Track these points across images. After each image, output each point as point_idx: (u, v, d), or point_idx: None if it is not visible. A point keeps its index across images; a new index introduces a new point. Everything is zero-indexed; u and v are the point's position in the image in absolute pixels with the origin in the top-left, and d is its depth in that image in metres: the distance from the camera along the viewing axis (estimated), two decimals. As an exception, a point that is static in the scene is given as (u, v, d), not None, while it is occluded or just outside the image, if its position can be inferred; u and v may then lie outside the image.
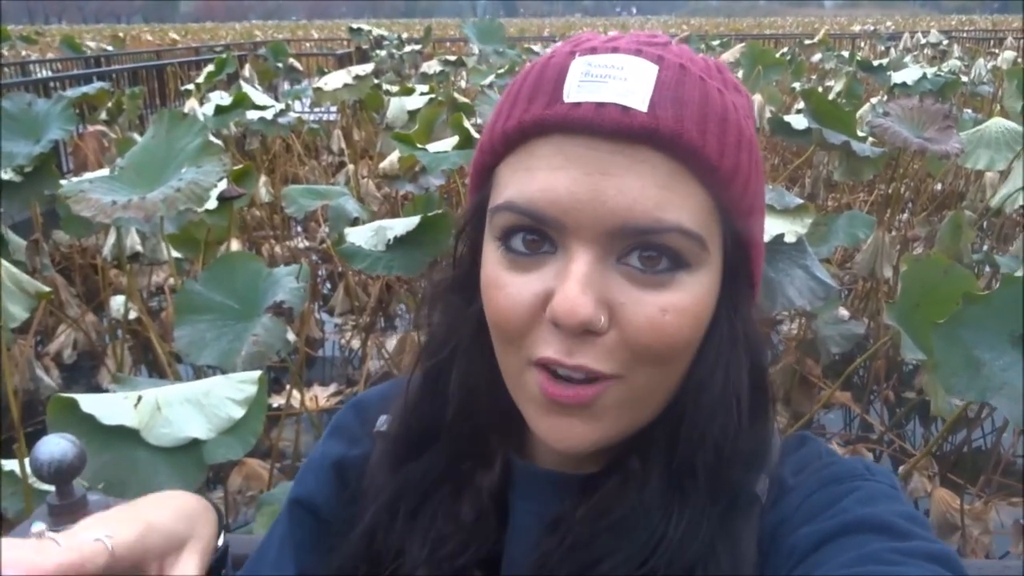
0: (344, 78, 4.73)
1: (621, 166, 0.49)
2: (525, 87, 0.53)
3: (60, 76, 7.83)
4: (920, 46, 11.30)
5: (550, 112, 0.50)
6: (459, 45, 13.61)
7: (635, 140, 0.49)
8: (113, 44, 14.55)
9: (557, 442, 0.53)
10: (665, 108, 0.49)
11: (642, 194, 0.49)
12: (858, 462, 0.58)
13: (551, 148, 0.50)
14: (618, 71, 0.50)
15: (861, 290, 4.26)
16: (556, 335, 0.50)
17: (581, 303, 0.48)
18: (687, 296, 0.51)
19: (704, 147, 0.50)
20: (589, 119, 0.49)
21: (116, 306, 3.55)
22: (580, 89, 0.50)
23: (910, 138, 3.00)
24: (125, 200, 2.05)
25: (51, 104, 3.45)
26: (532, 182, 0.51)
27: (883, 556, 0.48)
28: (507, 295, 0.52)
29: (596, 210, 0.49)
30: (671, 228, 0.49)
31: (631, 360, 0.51)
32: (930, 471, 2.78)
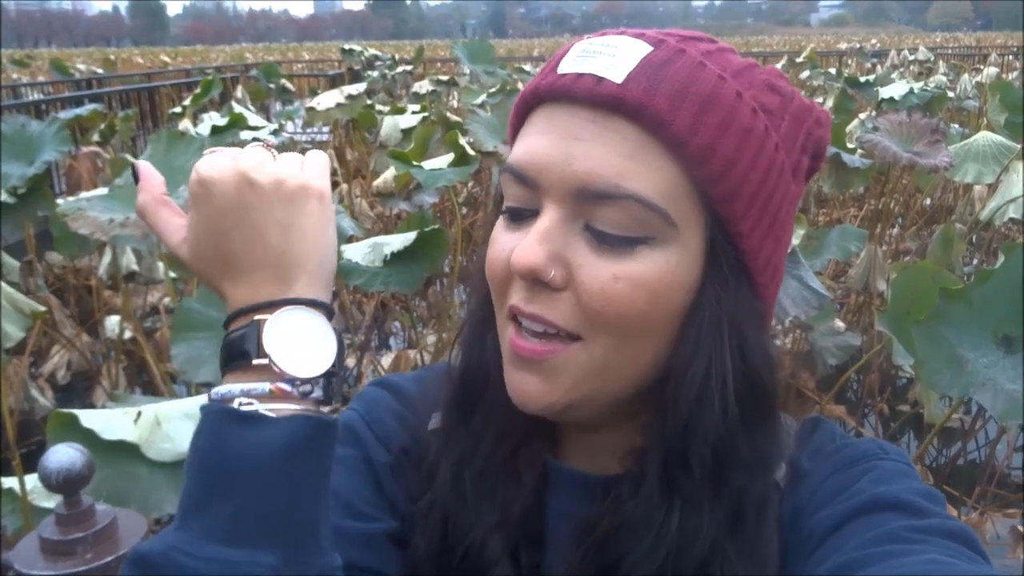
0: (337, 98, 4.76)
1: (592, 132, 0.52)
2: (551, 62, 0.57)
3: (52, 99, 7.85)
4: (907, 63, 11.43)
5: (543, 82, 0.55)
6: (450, 65, 13.70)
7: (606, 109, 0.52)
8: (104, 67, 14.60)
9: (516, 396, 0.55)
10: (639, 81, 0.51)
11: (606, 160, 0.51)
12: (871, 443, 0.59)
13: (542, 115, 0.55)
14: (609, 48, 0.54)
15: (854, 304, 4.28)
16: (520, 285, 0.54)
17: (533, 252, 0.51)
18: (645, 268, 0.51)
19: (673, 121, 0.51)
20: (567, 87, 0.53)
21: (110, 326, 3.54)
22: (571, 62, 0.54)
23: (900, 153, 3.03)
24: (122, 218, 2.06)
25: (45, 126, 3.46)
26: (522, 145, 0.55)
27: (901, 534, 0.49)
28: (496, 250, 0.56)
29: (563, 171, 0.52)
30: (628, 195, 0.51)
31: (587, 324, 0.52)
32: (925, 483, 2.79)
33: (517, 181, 0.55)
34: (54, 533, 0.78)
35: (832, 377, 3.44)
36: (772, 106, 0.55)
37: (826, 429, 0.62)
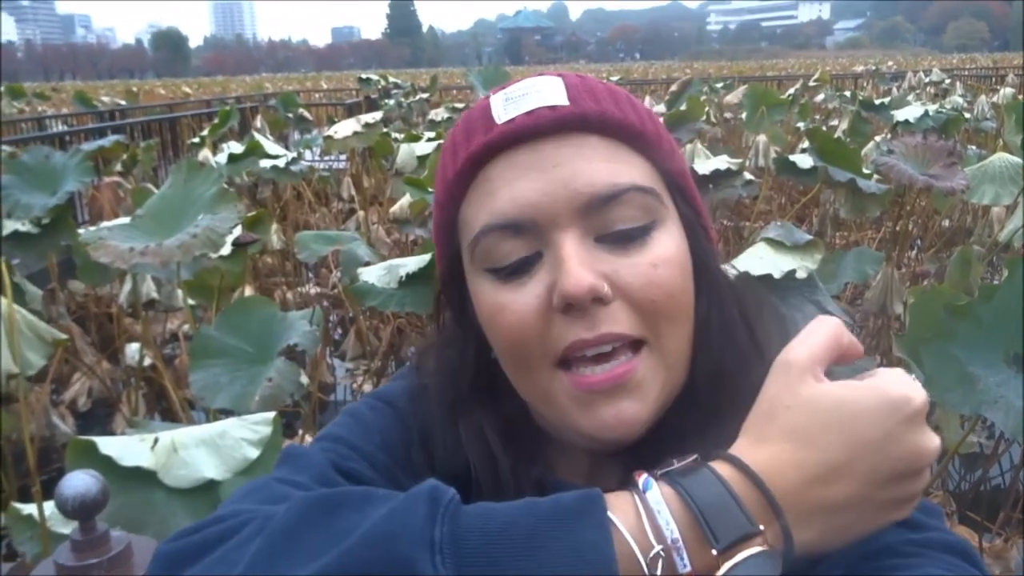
0: (354, 126, 4.81)
1: (566, 155, 0.55)
2: (459, 135, 0.60)
3: (75, 130, 7.98)
4: (923, 84, 11.41)
5: (491, 136, 0.57)
6: (465, 92, 13.82)
7: (569, 129, 0.56)
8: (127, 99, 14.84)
9: (609, 431, 0.55)
10: (583, 98, 0.57)
11: (593, 169, 0.55)
12: None
13: (502, 166, 0.57)
14: (532, 87, 0.58)
15: (872, 328, 4.25)
16: (570, 320, 0.54)
17: (584, 273, 0.53)
18: (666, 248, 0.56)
19: (626, 119, 0.58)
20: (525, 126, 0.56)
21: (131, 353, 3.58)
22: (507, 110, 0.57)
23: (915, 175, 3.02)
24: (143, 246, 2.09)
25: (68, 157, 3.52)
26: (497, 200, 0.56)
27: (900, 548, 0.49)
28: (513, 311, 0.56)
29: (562, 196, 0.55)
30: (629, 187, 0.56)
31: (645, 320, 0.55)
32: (948, 509, 2.75)
33: (510, 234, 0.56)
34: (69, 559, 0.79)
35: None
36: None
37: None
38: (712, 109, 7.13)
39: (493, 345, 0.59)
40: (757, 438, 0.47)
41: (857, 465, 0.44)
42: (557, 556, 0.41)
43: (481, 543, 0.43)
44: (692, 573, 0.42)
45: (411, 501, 0.45)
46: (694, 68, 31.12)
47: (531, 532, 0.43)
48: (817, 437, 0.45)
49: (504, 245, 0.56)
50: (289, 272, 5.38)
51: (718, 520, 0.43)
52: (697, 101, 4.68)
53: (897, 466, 0.44)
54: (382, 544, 0.43)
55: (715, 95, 8.47)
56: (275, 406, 1.97)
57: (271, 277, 5.32)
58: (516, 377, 0.59)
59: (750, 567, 0.42)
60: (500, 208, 0.56)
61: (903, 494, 0.45)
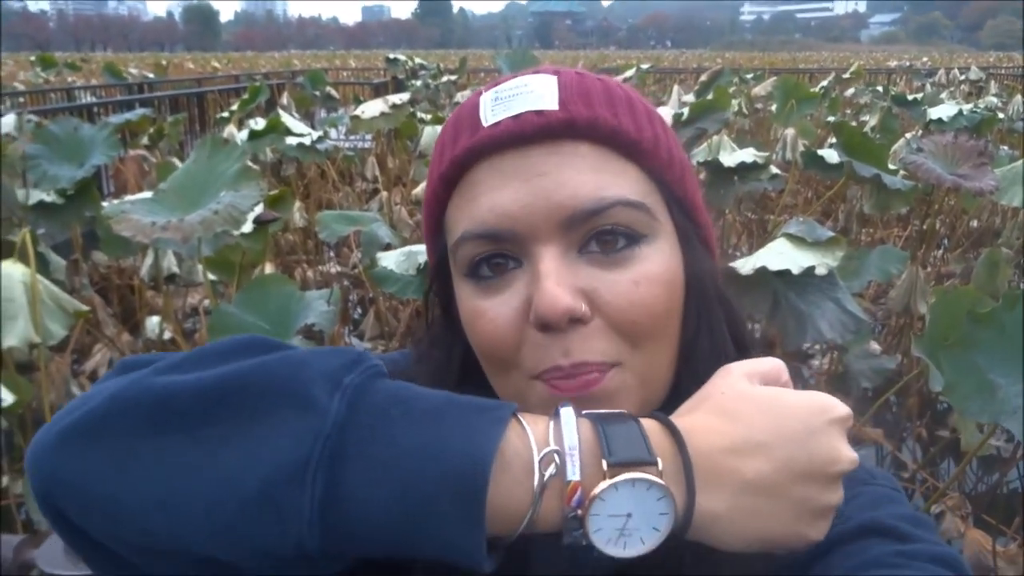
0: (381, 107, 4.80)
1: (552, 164, 0.53)
2: (447, 134, 0.58)
3: (104, 102, 8.04)
4: (957, 82, 11.22)
5: (476, 139, 0.55)
6: (493, 75, 13.77)
7: (557, 136, 0.54)
8: (155, 72, 14.91)
9: None
10: (575, 102, 0.54)
11: (580, 180, 0.53)
12: (860, 469, 0.58)
13: (486, 171, 0.54)
14: (523, 87, 0.55)
15: (895, 326, 4.21)
16: (547, 340, 0.52)
17: (559, 294, 0.51)
18: (652, 265, 0.54)
19: (620, 125, 0.54)
20: (511, 131, 0.54)
21: (151, 327, 3.61)
22: (495, 112, 0.55)
23: (943, 175, 2.97)
24: (164, 221, 2.10)
25: (96, 130, 3.54)
26: (478, 207, 0.54)
27: (887, 560, 0.49)
28: (489, 319, 0.54)
29: (543, 209, 0.52)
30: (615, 202, 0.53)
31: (623, 343, 0.53)
32: (963, 511, 2.73)
33: (489, 242, 0.54)
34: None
35: (871, 400, 3.39)
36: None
37: None
38: (741, 100, 7.04)
39: (476, 351, 0.58)
40: (687, 411, 0.50)
41: (776, 449, 0.45)
42: (447, 432, 0.43)
43: (383, 401, 0.44)
44: (578, 484, 0.43)
45: (337, 352, 0.47)
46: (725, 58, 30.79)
47: (434, 409, 0.44)
48: (744, 415, 0.47)
49: (483, 253, 0.55)
50: (311, 250, 5.40)
51: (619, 443, 0.44)
52: (725, 91, 4.62)
53: (814, 462, 0.45)
54: (291, 367, 0.45)
55: (745, 86, 8.37)
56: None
57: (292, 255, 5.35)
58: (493, 379, 0.58)
59: (637, 491, 0.43)
60: (480, 216, 0.54)
61: (816, 501, 0.46)
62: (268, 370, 0.45)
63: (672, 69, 16.32)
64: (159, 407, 0.45)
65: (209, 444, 0.43)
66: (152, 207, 2.25)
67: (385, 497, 0.41)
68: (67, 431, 0.46)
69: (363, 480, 0.42)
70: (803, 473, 0.45)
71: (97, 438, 0.45)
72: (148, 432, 0.44)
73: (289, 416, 0.43)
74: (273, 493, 0.41)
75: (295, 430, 0.42)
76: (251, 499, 0.42)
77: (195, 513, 0.43)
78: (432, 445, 0.42)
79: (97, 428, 0.45)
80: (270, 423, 0.43)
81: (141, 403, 0.45)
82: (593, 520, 0.43)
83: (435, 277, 0.62)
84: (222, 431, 0.43)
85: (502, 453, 0.43)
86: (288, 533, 0.42)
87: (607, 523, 0.43)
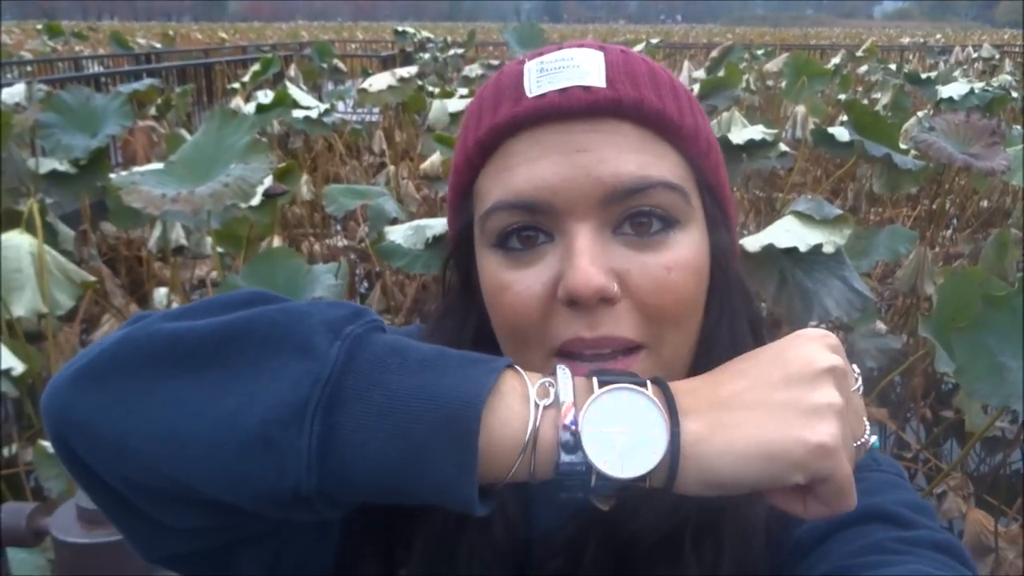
0: (388, 80, 4.78)
1: (595, 141, 0.52)
2: (487, 99, 0.57)
3: (111, 72, 8.02)
4: (971, 60, 11.10)
5: (519, 109, 0.54)
6: (501, 49, 13.67)
7: (602, 114, 0.53)
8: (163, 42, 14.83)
9: None
10: (622, 81, 0.53)
11: (621, 159, 0.52)
12: (864, 455, 0.58)
13: (526, 143, 0.54)
14: (569, 61, 0.54)
15: (901, 306, 4.20)
16: (573, 315, 0.52)
17: (593, 272, 0.50)
18: (685, 251, 0.54)
19: (665, 109, 0.54)
20: (557, 104, 0.52)
21: (159, 298, 3.63)
22: (540, 83, 0.54)
23: (955, 154, 2.96)
24: (174, 193, 2.11)
25: (109, 99, 3.55)
26: (515, 177, 0.53)
27: (888, 545, 0.49)
28: (516, 292, 0.54)
29: (583, 184, 0.52)
30: (657, 183, 0.53)
31: (649, 326, 0.53)
32: (966, 492, 2.74)
33: (525, 213, 0.53)
34: (90, 502, 0.81)
35: (876, 381, 3.39)
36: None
37: None
38: (752, 76, 6.99)
39: (493, 321, 0.57)
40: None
41: (751, 370, 0.45)
42: (441, 378, 0.43)
43: (382, 351, 0.45)
44: (571, 404, 0.43)
45: (339, 305, 0.48)
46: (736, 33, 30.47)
47: (431, 358, 0.45)
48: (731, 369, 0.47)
49: (515, 225, 0.54)
50: (318, 224, 5.40)
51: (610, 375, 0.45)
52: (735, 68, 4.59)
53: (789, 369, 0.45)
54: (295, 316, 0.46)
55: (756, 62, 8.31)
56: (298, 357, 2.00)
57: (299, 228, 5.35)
58: (510, 355, 0.55)
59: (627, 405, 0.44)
60: (517, 186, 0.53)
61: (803, 401, 0.43)
62: (272, 318, 0.46)
63: (682, 44, 16.19)
64: (166, 349, 0.46)
65: (213, 386, 0.44)
66: (162, 179, 2.25)
67: (381, 442, 0.42)
68: (78, 373, 0.47)
69: (360, 425, 0.42)
70: (780, 380, 0.44)
71: (105, 379, 0.46)
72: (154, 373, 0.45)
73: (290, 361, 0.44)
74: (272, 434, 0.42)
75: (295, 374, 0.43)
76: (251, 440, 0.42)
77: (198, 452, 0.43)
78: (426, 390, 0.43)
79: (106, 369, 0.46)
80: (272, 367, 0.44)
81: (148, 345, 0.46)
82: (588, 438, 0.42)
83: (457, 246, 0.61)
84: (226, 374, 0.44)
85: (498, 390, 0.43)
86: (286, 475, 0.42)
87: (602, 441, 0.42)
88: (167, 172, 2.32)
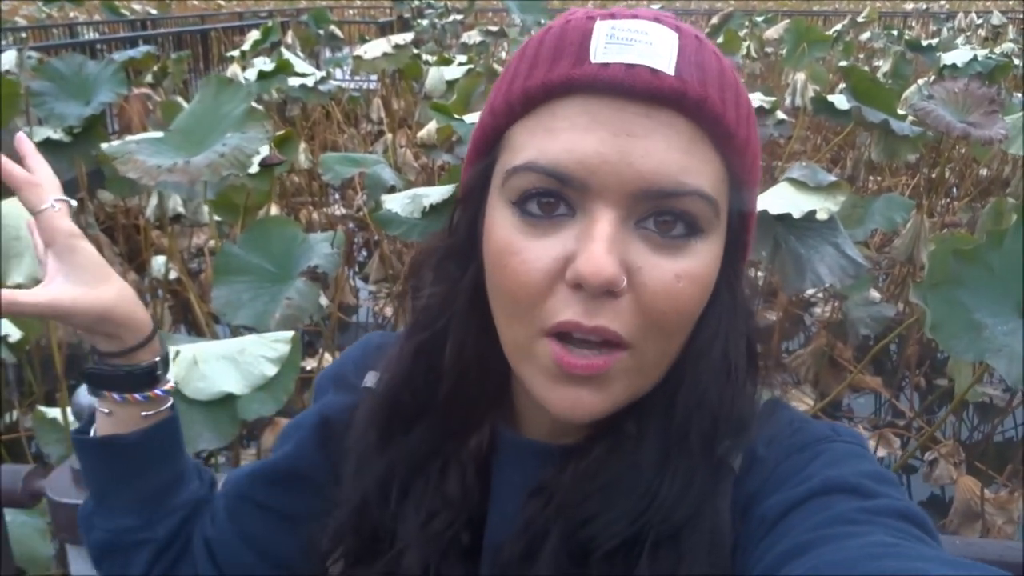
0: (383, 47, 4.75)
1: (647, 128, 0.49)
2: (545, 48, 0.53)
3: (107, 39, 7.95)
4: (974, 27, 10.99)
5: (578, 72, 0.50)
6: (501, 15, 13.52)
7: (663, 103, 0.49)
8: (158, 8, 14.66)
9: (566, 411, 0.53)
10: (691, 73, 0.50)
11: (667, 157, 0.49)
12: (825, 426, 0.58)
13: (576, 108, 0.50)
14: (643, 35, 0.50)
15: (898, 275, 4.21)
16: (575, 298, 0.50)
17: (607, 262, 0.48)
18: (700, 263, 0.51)
19: (725, 114, 0.51)
20: (620, 79, 0.49)
21: (157, 266, 3.64)
22: (607, 50, 0.50)
23: (953, 123, 2.95)
24: (170, 163, 2.10)
25: (102, 67, 3.52)
26: (555, 142, 0.50)
27: (850, 516, 0.48)
28: (523, 260, 0.51)
29: (622, 172, 0.49)
30: (693, 192, 0.50)
31: (643, 327, 0.51)
32: (956, 459, 2.77)
33: (554, 182, 0.50)
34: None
35: (871, 349, 3.41)
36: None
37: (783, 414, 0.60)
38: (752, 43, 6.93)
39: (490, 282, 0.55)
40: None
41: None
42: None
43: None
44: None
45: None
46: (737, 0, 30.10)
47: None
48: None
49: (540, 189, 0.51)
50: (316, 192, 5.40)
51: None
52: (735, 35, 4.56)
53: None
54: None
55: (756, 29, 8.23)
56: (294, 325, 2.01)
57: (298, 196, 5.34)
58: (501, 323, 0.55)
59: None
60: (554, 153, 0.50)
61: None
62: None
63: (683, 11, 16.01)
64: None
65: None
66: (158, 147, 2.25)
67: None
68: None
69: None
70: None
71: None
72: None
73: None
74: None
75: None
76: None
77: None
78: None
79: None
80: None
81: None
82: None
83: (471, 188, 0.58)
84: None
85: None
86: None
87: None
88: (163, 141, 2.32)
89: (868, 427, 3.22)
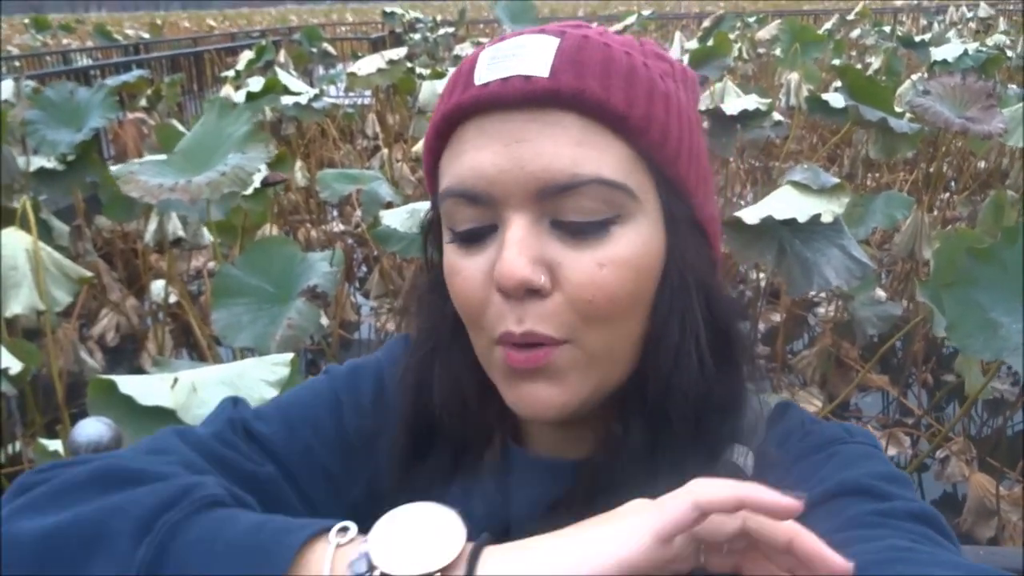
0: (377, 63, 4.74)
1: (534, 131, 0.52)
2: (447, 85, 0.58)
3: (100, 64, 7.96)
4: (964, 20, 11.00)
5: (465, 96, 0.54)
6: (493, 27, 13.56)
7: (542, 105, 0.52)
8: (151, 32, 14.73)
9: (526, 408, 0.55)
10: (565, 71, 0.52)
11: (557, 153, 0.51)
12: (837, 427, 0.59)
13: (472, 130, 0.54)
14: (520, 49, 0.54)
15: (900, 272, 4.19)
16: (506, 306, 0.53)
17: (518, 264, 0.51)
18: (623, 248, 0.53)
19: (608, 99, 0.52)
20: (497, 93, 0.52)
21: (156, 290, 3.62)
22: (488, 71, 0.54)
23: (951, 118, 2.93)
24: (172, 183, 2.10)
25: (92, 93, 3.52)
26: (461, 165, 0.54)
27: (864, 520, 0.48)
28: (463, 279, 0.55)
29: (517, 176, 0.52)
30: (590, 180, 0.52)
31: (578, 322, 0.53)
32: (968, 455, 2.74)
33: (467, 202, 0.54)
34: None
35: (876, 348, 3.39)
36: (668, 71, 0.57)
37: (794, 415, 0.62)
38: (744, 45, 6.93)
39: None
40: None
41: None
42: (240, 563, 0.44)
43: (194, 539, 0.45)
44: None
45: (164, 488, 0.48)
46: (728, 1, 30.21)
47: (236, 541, 0.45)
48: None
49: (461, 211, 0.55)
50: (313, 209, 5.39)
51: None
52: (725, 37, 4.55)
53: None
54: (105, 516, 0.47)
55: (748, 30, 8.24)
56: (296, 346, 2.00)
57: (295, 215, 5.33)
58: (471, 335, 0.59)
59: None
60: (461, 175, 0.54)
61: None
62: (84, 523, 0.47)
63: (674, 15, 16.05)
64: (6, 553, 0.47)
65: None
66: (160, 169, 2.25)
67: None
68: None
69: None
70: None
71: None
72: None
73: (102, 567, 0.45)
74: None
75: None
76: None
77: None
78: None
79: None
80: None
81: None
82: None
83: (432, 223, 0.63)
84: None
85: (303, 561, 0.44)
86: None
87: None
88: (166, 163, 2.32)
89: (877, 426, 3.20)
